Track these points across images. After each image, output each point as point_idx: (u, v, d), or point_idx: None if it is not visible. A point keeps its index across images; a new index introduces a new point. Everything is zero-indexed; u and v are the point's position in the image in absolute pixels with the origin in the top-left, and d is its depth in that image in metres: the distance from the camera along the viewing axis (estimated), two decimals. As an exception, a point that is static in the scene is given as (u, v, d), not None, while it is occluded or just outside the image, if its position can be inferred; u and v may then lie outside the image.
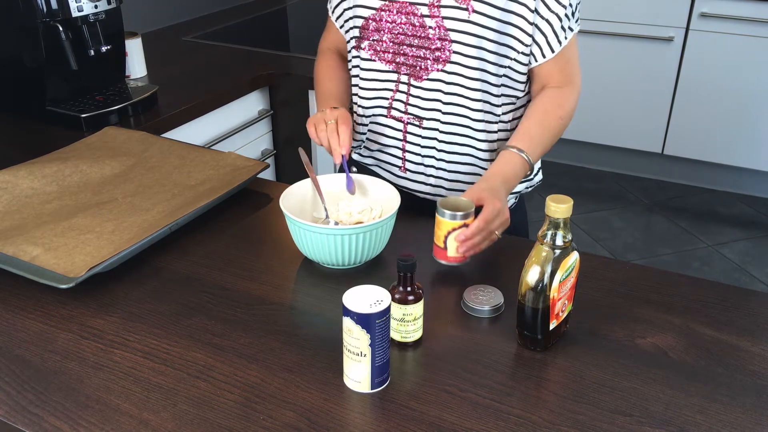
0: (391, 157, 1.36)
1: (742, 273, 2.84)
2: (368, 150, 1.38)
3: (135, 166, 1.38)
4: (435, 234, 1.10)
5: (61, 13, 1.61)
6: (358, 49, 1.31)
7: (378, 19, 1.25)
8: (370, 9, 1.26)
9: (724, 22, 3.08)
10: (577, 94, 1.28)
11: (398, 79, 1.28)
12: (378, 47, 1.27)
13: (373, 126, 1.35)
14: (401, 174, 1.36)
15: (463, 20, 1.19)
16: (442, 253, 1.10)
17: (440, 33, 1.21)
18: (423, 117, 1.28)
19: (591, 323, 1.01)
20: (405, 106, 1.29)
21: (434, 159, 1.31)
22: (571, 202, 0.89)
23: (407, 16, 1.23)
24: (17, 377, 0.91)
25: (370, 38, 1.27)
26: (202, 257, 1.16)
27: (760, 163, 3.25)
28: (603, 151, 3.59)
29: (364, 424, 0.84)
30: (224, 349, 0.95)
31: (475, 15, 1.18)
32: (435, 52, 1.22)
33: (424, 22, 1.22)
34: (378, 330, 0.84)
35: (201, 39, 2.45)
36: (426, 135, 1.30)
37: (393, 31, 1.25)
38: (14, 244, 1.10)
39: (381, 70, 1.29)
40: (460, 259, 1.10)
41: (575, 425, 0.83)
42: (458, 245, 1.07)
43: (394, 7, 1.23)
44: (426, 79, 1.25)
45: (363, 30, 1.28)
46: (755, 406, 0.87)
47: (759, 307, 1.05)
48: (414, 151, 1.32)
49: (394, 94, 1.29)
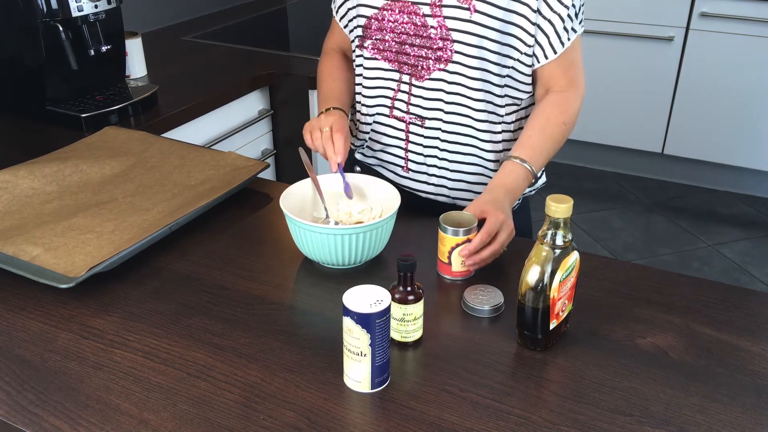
0: (394, 157, 1.35)
1: (742, 273, 2.84)
2: (371, 150, 1.38)
3: (135, 166, 1.38)
4: (438, 249, 1.10)
5: (61, 13, 1.61)
6: (361, 48, 1.31)
7: (381, 18, 1.25)
8: (373, 8, 1.26)
9: (724, 21, 3.08)
10: (581, 97, 1.28)
11: (400, 79, 1.28)
12: (381, 46, 1.27)
13: (376, 126, 1.35)
14: (404, 174, 1.36)
15: (465, 20, 1.19)
16: (447, 269, 1.10)
17: (442, 33, 1.21)
18: (425, 117, 1.28)
19: (591, 323, 1.01)
20: (407, 105, 1.29)
21: (437, 159, 1.31)
22: (571, 201, 0.89)
23: (409, 16, 1.23)
24: (17, 377, 0.91)
25: (372, 37, 1.27)
26: (202, 257, 1.16)
27: (760, 163, 3.25)
28: (603, 151, 3.59)
29: (364, 424, 0.84)
30: (224, 349, 0.95)
31: (477, 15, 1.18)
32: (437, 51, 1.22)
33: (426, 22, 1.22)
34: (378, 330, 0.84)
35: (201, 39, 2.45)
36: (429, 135, 1.29)
37: (395, 30, 1.25)
38: (14, 244, 1.10)
39: (383, 69, 1.29)
40: (464, 273, 1.10)
41: (575, 425, 0.83)
42: (464, 260, 1.07)
43: (396, 6, 1.23)
44: (428, 78, 1.25)
45: (366, 29, 1.28)
46: (755, 406, 0.87)
47: (759, 307, 1.05)
48: (417, 151, 1.32)
49: (396, 94, 1.29)
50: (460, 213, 1.10)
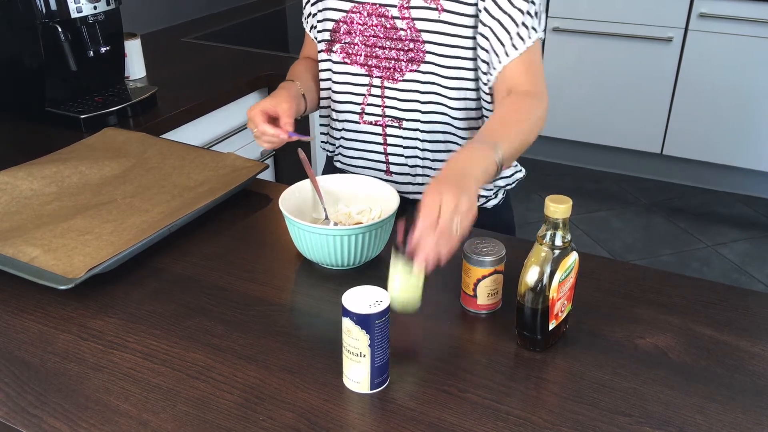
0: (374, 162, 1.35)
1: (742, 273, 2.84)
2: (347, 157, 1.37)
3: (134, 167, 1.38)
4: (462, 281, 1.02)
5: (60, 14, 1.61)
6: (329, 52, 1.30)
7: (349, 22, 1.25)
8: (341, 12, 1.25)
9: (723, 22, 3.08)
10: (545, 108, 1.18)
11: (370, 83, 1.27)
12: (350, 50, 1.27)
13: (346, 133, 1.34)
14: (386, 177, 1.35)
15: (434, 20, 1.18)
16: (472, 301, 1.02)
17: (412, 34, 1.20)
18: (402, 118, 1.28)
19: (591, 323, 1.01)
20: (382, 109, 1.28)
21: (419, 159, 1.31)
22: (570, 202, 0.89)
23: (378, 18, 1.22)
24: (17, 378, 0.91)
25: (341, 41, 1.27)
26: (201, 258, 1.16)
27: (760, 163, 3.25)
28: (603, 152, 3.60)
29: (364, 425, 0.84)
30: (224, 350, 0.95)
31: (446, 14, 1.18)
32: (408, 53, 1.22)
33: (395, 24, 1.21)
34: (377, 330, 0.84)
35: (200, 40, 2.45)
36: (407, 135, 1.29)
37: (364, 33, 1.24)
38: (13, 245, 1.10)
39: (353, 73, 1.28)
40: (491, 306, 1.02)
41: (575, 425, 0.83)
42: (410, 251, 0.92)
43: (364, 9, 1.23)
44: (402, 80, 1.25)
45: (334, 33, 1.27)
46: (755, 406, 0.87)
47: (759, 307, 1.05)
48: (397, 152, 1.31)
49: (366, 98, 1.29)
50: (486, 239, 1.03)
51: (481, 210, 1.34)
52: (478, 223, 1.36)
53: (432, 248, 0.91)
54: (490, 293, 1.01)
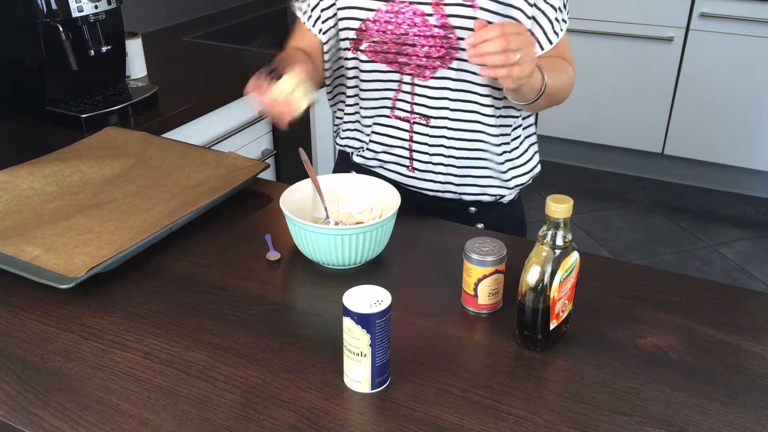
0: (398, 157, 1.35)
1: (742, 273, 2.84)
2: (372, 152, 1.37)
3: (135, 166, 1.38)
4: (463, 280, 1.03)
5: (61, 13, 1.61)
6: (355, 51, 1.30)
7: (379, 20, 1.25)
8: (368, 11, 1.25)
9: (724, 22, 3.08)
10: (574, 75, 1.28)
11: (401, 79, 1.27)
12: (378, 48, 1.26)
13: (377, 127, 1.34)
14: (409, 173, 1.35)
15: (468, 17, 1.19)
16: (472, 301, 1.02)
17: (445, 31, 1.21)
18: (430, 116, 1.28)
19: (591, 323, 1.01)
20: (410, 105, 1.29)
21: (443, 156, 1.31)
22: (571, 202, 0.89)
23: (410, 16, 1.22)
24: (17, 377, 0.91)
25: (369, 40, 1.27)
26: (202, 257, 1.16)
27: (760, 163, 3.25)
28: (603, 151, 3.59)
29: (364, 424, 0.84)
30: (224, 349, 0.95)
31: (480, 11, 1.18)
32: (440, 50, 1.22)
33: (427, 21, 1.21)
34: (378, 330, 0.84)
35: (201, 39, 2.45)
36: (434, 134, 1.29)
37: (395, 31, 1.24)
38: (14, 245, 1.10)
39: (382, 71, 1.29)
40: (491, 306, 1.02)
41: (575, 425, 0.83)
42: (468, 48, 0.96)
43: (394, 7, 1.23)
44: (432, 77, 1.25)
45: (361, 32, 1.27)
46: (755, 406, 0.87)
47: (759, 307, 1.05)
48: (422, 150, 1.31)
49: (397, 94, 1.29)
50: (487, 239, 1.02)
51: (498, 204, 1.36)
52: (494, 215, 1.37)
53: (497, 51, 0.95)
54: (491, 293, 1.01)
